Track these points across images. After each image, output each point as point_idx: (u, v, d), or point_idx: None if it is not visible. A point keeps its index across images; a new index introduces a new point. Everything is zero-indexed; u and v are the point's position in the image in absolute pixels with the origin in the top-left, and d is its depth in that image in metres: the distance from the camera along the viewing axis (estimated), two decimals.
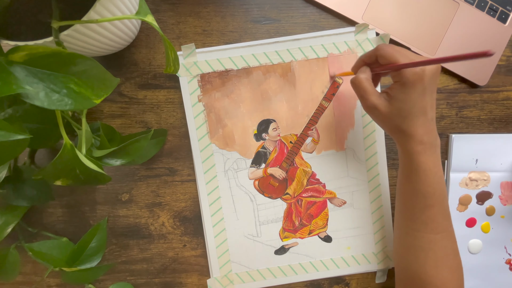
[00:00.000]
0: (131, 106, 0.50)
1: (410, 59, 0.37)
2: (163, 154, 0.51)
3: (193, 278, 0.52)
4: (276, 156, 0.50)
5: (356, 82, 0.40)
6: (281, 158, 0.50)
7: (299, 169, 0.50)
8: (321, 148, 0.50)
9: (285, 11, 0.49)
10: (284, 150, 0.50)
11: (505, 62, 0.51)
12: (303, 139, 0.50)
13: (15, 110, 0.35)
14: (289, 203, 0.51)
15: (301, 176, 0.51)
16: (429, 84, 0.37)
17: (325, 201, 0.51)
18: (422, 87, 0.37)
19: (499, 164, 0.52)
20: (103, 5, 0.33)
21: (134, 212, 0.51)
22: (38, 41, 0.32)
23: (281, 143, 0.50)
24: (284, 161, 0.50)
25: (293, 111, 0.49)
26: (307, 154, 0.50)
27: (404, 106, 0.37)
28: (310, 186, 0.51)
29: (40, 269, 0.51)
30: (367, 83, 0.39)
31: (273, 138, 0.50)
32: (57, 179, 0.36)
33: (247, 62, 0.48)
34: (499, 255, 0.53)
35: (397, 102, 0.38)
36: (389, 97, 0.39)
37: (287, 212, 0.51)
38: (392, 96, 0.38)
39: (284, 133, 0.50)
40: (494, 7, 0.49)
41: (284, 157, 0.50)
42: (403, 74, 0.37)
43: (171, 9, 0.49)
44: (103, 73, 0.31)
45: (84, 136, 0.37)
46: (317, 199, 0.51)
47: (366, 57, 0.41)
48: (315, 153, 0.50)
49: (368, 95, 0.39)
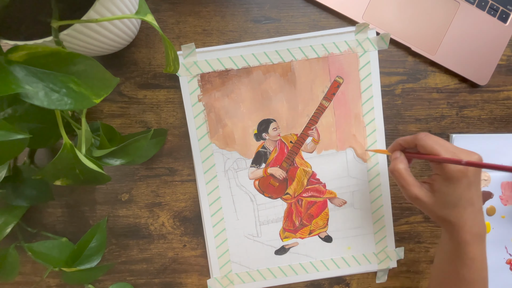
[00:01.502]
0: (131, 106, 0.50)
1: (451, 152, 0.37)
2: (163, 154, 0.50)
3: (193, 278, 0.52)
4: (276, 156, 0.50)
5: (396, 173, 0.40)
6: (281, 158, 0.50)
7: (299, 169, 0.50)
8: (322, 147, 0.50)
9: (286, 11, 0.49)
10: (284, 150, 0.50)
11: (505, 61, 0.51)
12: (303, 138, 0.50)
13: (15, 109, 0.35)
14: (290, 203, 0.51)
15: (302, 176, 0.50)
16: (474, 177, 0.37)
17: (326, 201, 0.51)
18: (468, 182, 0.37)
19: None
20: (103, 5, 0.33)
21: (134, 212, 0.51)
22: (38, 41, 0.32)
23: (281, 143, 0.50)
24: (285, 161, 0.50)
25: (293, 110, 0.49)
26: (307, 154, 0.50)
27: (450, 199, 0.38)
28: (310, 186, 0.51)
29: (39, 269, 0.51)
30: (407, 173, 0.39)
31: (273, 138, 0.50)
32: (56, 179, 0.36)
33: (247, 61, 0.48)
34: (499, 255, 0.53)
35: (442, 195, 0.38)
36: (432, 189, 0.39)
37: (287, 212, 0.51)
38: (435, 189, 0.38)
39: (284, 132, 0.50)
40: (495, 6, 0.49)
41: (284, 157, 0.50)
42: (447, 170, 0.37)
43: (171, 9, 0.49)
44: (103, 72, 0.31)
45: (84, 136, 0.37)
46: (317, 199, 0.51)
47: (405, 142, 0.41)
48: (316, 153, 0.50)
49: (410, 186, 0.39)
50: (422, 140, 0.39)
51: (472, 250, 0.39)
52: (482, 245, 0.39)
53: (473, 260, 0.39)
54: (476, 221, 0.38)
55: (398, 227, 0.53)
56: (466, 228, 0.38)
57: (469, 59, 0.50)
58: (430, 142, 0.38)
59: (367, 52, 0.49)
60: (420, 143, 0.39)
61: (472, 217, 0.38)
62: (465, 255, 0.39)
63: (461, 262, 0.39)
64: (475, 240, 0.39)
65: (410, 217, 0.53)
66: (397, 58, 0.50)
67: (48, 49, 0.28)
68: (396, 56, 0.50)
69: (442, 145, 0.38)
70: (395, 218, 0.52)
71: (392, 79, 0.50)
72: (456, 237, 0.39)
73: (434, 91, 0.51)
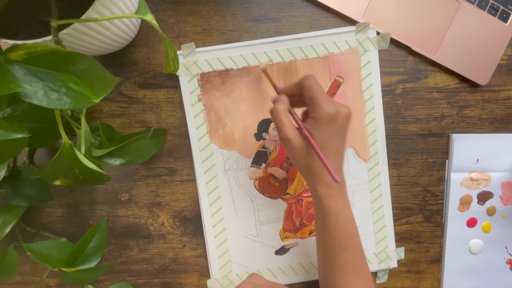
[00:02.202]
0: (131, 106, 0.49)
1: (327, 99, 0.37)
2: (162, 154, 0.50)
3: (193, 279, 0.52)
4: (277, 156, 0.50)
5: (274, 112, 0.39)
6: (282, 158, 0.50)
7: None
8: None
9: (286, 10, 0.49)
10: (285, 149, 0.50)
11: (506, 61, 0.51)
12: None
13: (14, 109, 0.35)
14: (290, 203, 0.51)
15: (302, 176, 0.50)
16: (341, 128, 0.37)
17: None
18: (335, 130, 0.37)
19: (500, 164, 0.51)
20: (103, 4, 0.33)
21: (133, 212, 0.51)
22: (37, 40, 0.32)
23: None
24: (285, 160, 0.50)
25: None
26: None
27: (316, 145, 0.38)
28: None
29: (39, 269, 0.51)
30: (284, 114, 0.39)
31: (274, 138, 0.50)
32: (56, 179, 0.36)
33: (247, 61, 0.48)
34: (500, 255, 0.53)
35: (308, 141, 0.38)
36: (302, 133, 0.39)
37: (287, 212, 0.51)
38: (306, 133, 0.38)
39: None
40: (495, 6, 0.49)
41: (284, 156, 0.50)
42: (319, 112, 0.37)
43: (171, 8, 0.48)
44: (103, 72, 0.31)
45: (83, 135, 0.37)
46: None
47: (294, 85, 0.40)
48: None
49: (284, 127, 0.38)
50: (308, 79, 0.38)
51: (333, 204, 0.39)
52: (343, 198, 0.39)
53: (337, 215, 0.39)
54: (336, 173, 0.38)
55: (399, 227, 0.52)
56: (325, 180, 0.38)
57: (470, 58, 0.49)
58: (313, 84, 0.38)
59: (367, 51, 0.49)
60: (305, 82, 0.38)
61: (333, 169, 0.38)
62: (329, 210, 0.39)
63: (327, 219, 0.39)
64: (334, 193, 0.39)
65: (410, 217, 0.53)
66: (397, 57, 0.50)
67: (47, 48, 0.28)
68: (397, 56, 0.50)
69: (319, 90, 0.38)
70: (396, 218, 0.52)
71: (392, 79, 0.50)
72: (317, 190, 0.39)
73: (434, 91, 0.51)
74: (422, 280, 0.54)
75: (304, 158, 0.39)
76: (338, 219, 0.39)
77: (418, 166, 0.52)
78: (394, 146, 0.51)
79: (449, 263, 0.53)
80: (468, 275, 0.53)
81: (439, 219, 0.53)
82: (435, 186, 0.52)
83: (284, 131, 0.38)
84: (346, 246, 0.40)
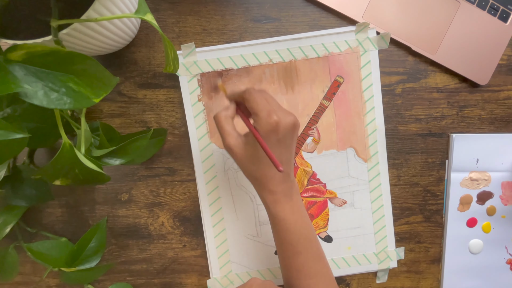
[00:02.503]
0: (131, 106, 0.49)
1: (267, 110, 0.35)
2: (162, 154, 0.50)
3: (193, 279, 0.52)
4: None
5: (215, 119, 0.38)
6: None
7: (299, 169, 0.50)
8: (322, 147, 0.50)
9: (286, 10, 0.49)
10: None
11: (506, 61, 0.51)
12: (303, 138, 0.50)
13: (14, 109, 0.35)
14: None
15: (302, 176, 0.50)
16: (284, 137, 0.36)
17: (326, 201, 0.51)
18: (276, 139, 0.36)
19: (500, 164, 0.51)
20: (102, 4, 0.33)
21: (133, 212, 0.51)
22: (37, 40, 0.32)
23: None
24: None
25: (293, 110, 0.49)
26: (307, 154, 0.50)
27: (256, 154, 0.37)
28: (310, 186, 0.51)
29: (39, 269, 0.51)
30: (226, 122, 0.38)
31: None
32: (56, 179, 0.36)
33: (247, 61, 0.48)
34: (500, 255, 0.53)
35: (251, 148, 0.37)
36: (246, 141, 0.38)
37: None
38: (248, 141, 0.37)
39: None
40: (495, 6, 0.49)
41: None
42: (258, 122, 0.36)
43: (170, 8, 0.48)
44: (103, 72, 0.31)
45: (83, 135, 0.37)
46: (317, 199, 0.51)
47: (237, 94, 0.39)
48: (316, 153, 0.50)
49: (226, 135, 0.38)
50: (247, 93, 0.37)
51: (280, 209, 0.38)
52: (291, 204, 0.39)
53: (285, 221, 0.39)
54: (280, 181, 0.38)
55: (399, 227, 0.52)
56: (270, 187, 0.38)
57: (470, 58, 0.49)
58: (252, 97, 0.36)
59: (367, 51, 0.49)
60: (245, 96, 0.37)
61: (277, 176, 0.37)
62: (276, 216, 0.39)
63: (277, 226, 0.39)
64: (280, 199, 0.38)
65: (410, 217, 0.53)
66: (397, 57, 0.50)
67: (47, 48, 0.28)
68: (397, 56, 0.50)
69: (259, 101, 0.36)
70: (396, 218, 0.52)
71: (392, 79, 0.50)
72: (263, 196, 0.39)
73: (434, 91, 0.51)
74: (422, 280, 0.54)
75: (248, 166, 0.38)
76: (287, 225, 0.39)
77: (418, 166, 0.52)
78: (394, 146, 0.51)
79: (449, 263, 0.53)
80: (468, 275, 0.53)
81: (439, 219, 0.53)
82: (435, 186, 0.52)
83: (225, 138, 0.38)
84: (299, 251, 0.39)
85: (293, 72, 0.49)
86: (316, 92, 0.49)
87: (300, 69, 0.49)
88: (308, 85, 0.49)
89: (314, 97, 0.49)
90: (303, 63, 0.49)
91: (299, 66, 0.49)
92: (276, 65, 0.49)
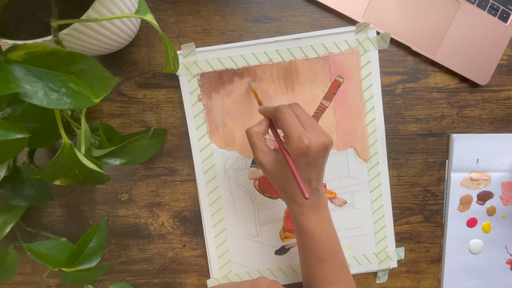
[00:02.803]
0: (131, 106, 0.49)
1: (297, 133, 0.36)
2: (162, 154, 0.50)
3: (193, 279, 0.52)
4: None
5: (248, 134, 0.40)
6: None
7: None
8: None
9: (286, 10, 0.49)
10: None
11: (506, 61, 0.51)
12: None
13: (14, 109, 0.35)
14: None
15: None
16: (314, 159, 0.37)
17: None
18: (306, 161, 0.37)
19: (500, 164, 0.51)
20: (103, 4, 0.33)
21: (133, 212, 0.51)
22: (37, 40, 0.32)
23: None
24: None
25: None
26: None
27: (286, 172, 0.38)
28: None
29: (39, 269, 0.51)
30: (257, 137, 0.39)
31: (274, 138, 0.50)
32: (56, 179, 0.36)
33: (247, 61, 0.48)
34: (500, 255, 0.53)
35: (281, 165, 0.38)
36: (277, 158, 0.39)
37: (287, 212, 0.51)
38: (279, 159, 0.39)
39: None
40: (495, 6, 0.49)
41: None
42: (289, 145, 0.37)
43: (171, 8, 0.48)
44: (103, 72, 0.31)
45: (83, 135, 0.37)
46: None
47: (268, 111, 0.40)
48: None
49: (256, 150, 0.39)
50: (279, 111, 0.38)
51: (307, 220, 0.39)
52: (319, 216, 0.40)
53: (311, 230, 0.40)
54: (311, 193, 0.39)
55: (399, 227, 0.52)
56: (297, 200, 0.39)
57: (470, 58, 0.49)
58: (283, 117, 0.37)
59: (367, 51, 0.49)
60: (276, 115, 0.38)
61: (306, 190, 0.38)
62: (303, 226, 0.40)
63: (303, 235, 0.41)
64: (308, 211, 0.39)
65: (410, 217, 0.53)
66: (397, 57, 0.50)
67: (47, 48, 0.28)
68: (397, 56, 0.50)
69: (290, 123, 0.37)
70: (396, 218, 0.52)
71: (392, 79, 0.50)
72: (291, 208, 0.40)
73: (434, 91, 0.51)
74: (422, 280, 0.54)
75: (277, 180, 0.40)
76: (313, 235, 0.40)
77: (418, 166, 0.52)
78: (394, 146, 0.51)
79: (449, 263, 0.53)
80: (468, 275, 0.53)
81: (439, 219, 0.53)
82: (435, 186, 0.52)
83: (256, 154, 0.39)
84: (324, 259, 0.41)
85: (293, 72, 0.49)
86: (316, 92, 0.49)
87: (300, 69, 0.49)
88: (308, 85, 0.49)
89: (314, 97, 0.49)
90: (303, 63, 0.49)
91: (299, 66, 0.49)
92: (276, 65, 0.49)
